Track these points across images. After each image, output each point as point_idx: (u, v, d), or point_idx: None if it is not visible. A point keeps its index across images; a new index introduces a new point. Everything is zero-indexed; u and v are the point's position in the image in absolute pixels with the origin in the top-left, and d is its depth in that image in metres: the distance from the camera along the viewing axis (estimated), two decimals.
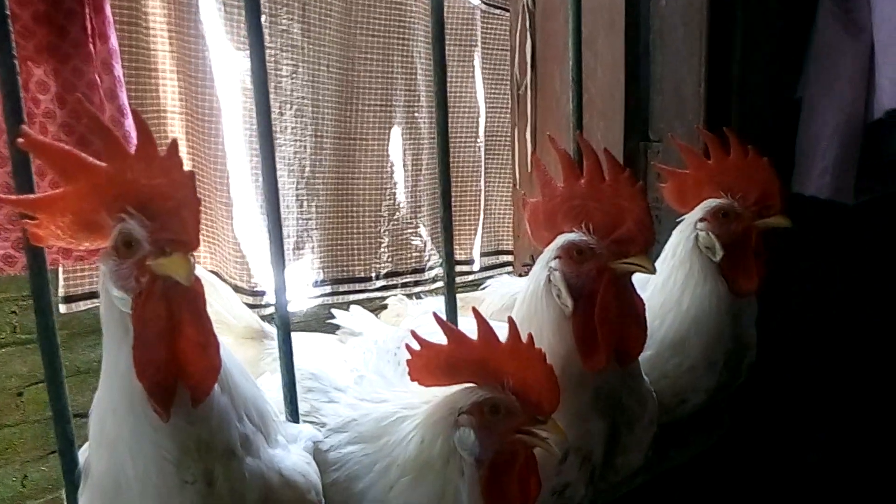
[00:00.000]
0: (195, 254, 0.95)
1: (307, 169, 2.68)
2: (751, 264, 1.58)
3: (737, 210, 1.56)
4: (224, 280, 2.44)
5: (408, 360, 1.21)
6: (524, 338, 1.15)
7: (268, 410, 1.13)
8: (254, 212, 2.48)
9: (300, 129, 2.63)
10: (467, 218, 3.21)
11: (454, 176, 3.09)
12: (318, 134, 2.69)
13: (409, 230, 3.00)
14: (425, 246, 3.07)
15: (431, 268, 3.11)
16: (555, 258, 1.33)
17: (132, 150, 0.93)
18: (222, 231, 2.45)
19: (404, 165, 2.96)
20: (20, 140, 0.93)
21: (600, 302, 1.28)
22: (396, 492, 1.19)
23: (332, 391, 1.41)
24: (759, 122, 1.92)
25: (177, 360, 0.96)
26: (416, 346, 1.21)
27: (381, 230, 2.91)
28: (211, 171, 2.40)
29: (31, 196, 1.00)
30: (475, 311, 1.18)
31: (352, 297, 2.81)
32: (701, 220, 1.60)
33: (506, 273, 2.85)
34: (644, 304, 1.35)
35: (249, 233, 2.47)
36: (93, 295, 2.30)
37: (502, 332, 1.57)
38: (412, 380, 1.23)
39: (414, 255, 3.02)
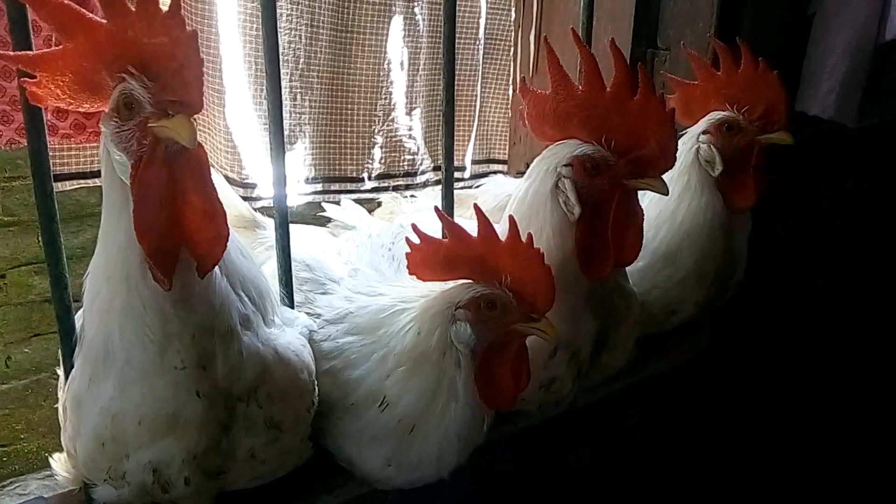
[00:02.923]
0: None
1: (301, 60, 2.59)
2: (749, 180, 1.59)
3: (741, 123, 1.55)
4: (214, 170, 2.39)
5: (407, 254, 1.23)
6: (524, 237, 1.16)
7: (268, 290, 1.14)
8: (247, 100, 2.41)
9: (295, 17, 2.52)
10: (461, 123, 3.13)
11: None
12: (314, 24, 2.58)
13: (404, 132, 2.95)
14: (418, 150, 3.02)
15: (423, 172, 3.06)
16: (566, 165, 1.32)
17: (133, 6, 0.89)
18: (213, 120, 2.39)
19: (401, 64, 2.87)
20: None
21: (613, 217, 1.29)
22: (393, 380, 1.23)
23: (327, 283, 1.41)
24: (769, 36, 1.88)
25: (182, 228, 0.95)
26: (416, 240, 1.21)
27: (375, 130, 2.84)
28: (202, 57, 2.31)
29: (31, 53, 0.96)
30: (476, 207, 1.19)
31: (342, 197, 2.78)
32: (704, 132, 1.59)
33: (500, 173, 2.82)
34: (644, 214, 1.36)
35: (242, 122, 2.41)
36: (80, 175, 2.26)
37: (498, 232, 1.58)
38: (410, 273, 1.25)
39: (407, 157, 2.97)
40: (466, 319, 1.17)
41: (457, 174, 3.20)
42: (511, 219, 1.15)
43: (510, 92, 2.93)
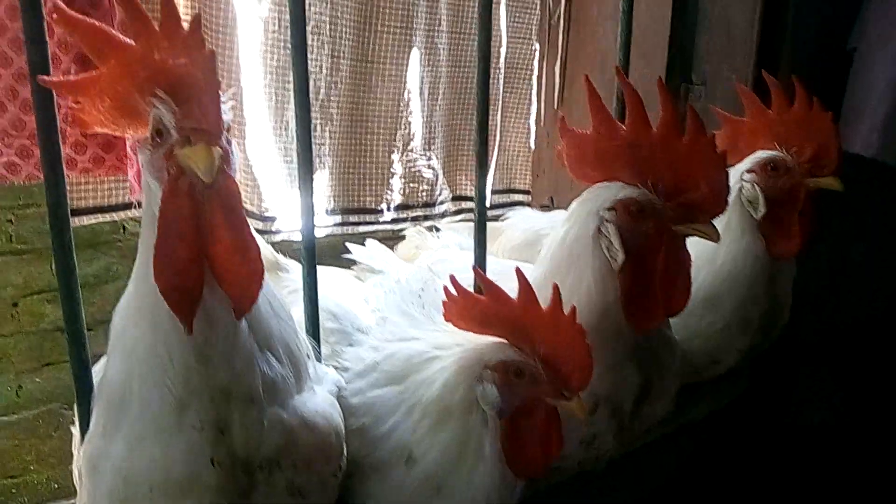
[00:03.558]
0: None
1: (322, 91, 2.55)
2: (793, 224, 1.52)
3: (788, 164, 1.49)
4: None
5: (444, 303, 1.18)
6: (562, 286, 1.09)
7: (300, 352, 1.07)
8: (267, 131, 2.37)
9: (317, 48, 2.49)
10: None
11: (469, 107, 2.96)
12: (335, 54, 2.55)
13: (423, 162, 2.90)
14: (437, 179, 2.97)
15: (442, 202, 3.01)
16: (609, 209, 1.25)
17: (158, 26, 0.86)
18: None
19: (421, 93, 2.83)
20: (55, 16, 0.86)
21: (660, 265, 1.23)
22: (419, 435, 1.17)
23: (354, 333, 1.36)
24: (809, 71, 1.81)
25: (212, 266, 0.89)
26: (453, 292, 1.17)
27: (395, 160, 2.80)
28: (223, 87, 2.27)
29: (71, 78, 0.93)
30: (518, 271, 1.12)
31: (361, 229, 2.73)
32: (748, 171, 1.53)
33: (526, 206, 2.76)
34: (691, 259, 1.29)
35: (262, 154, 2.37)
36: (97, 210, 2.22)
37: (525, 272, 1.51)
38: (445, 321, 1.21)
39: (425, 188, 2.93)
40: (494, 382, 1.12)
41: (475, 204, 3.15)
42: (555, 287, 1.08)
43: (531, 122, 2.88)
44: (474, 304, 1.16)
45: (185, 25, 0.85)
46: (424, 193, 2.94)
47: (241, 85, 2.27)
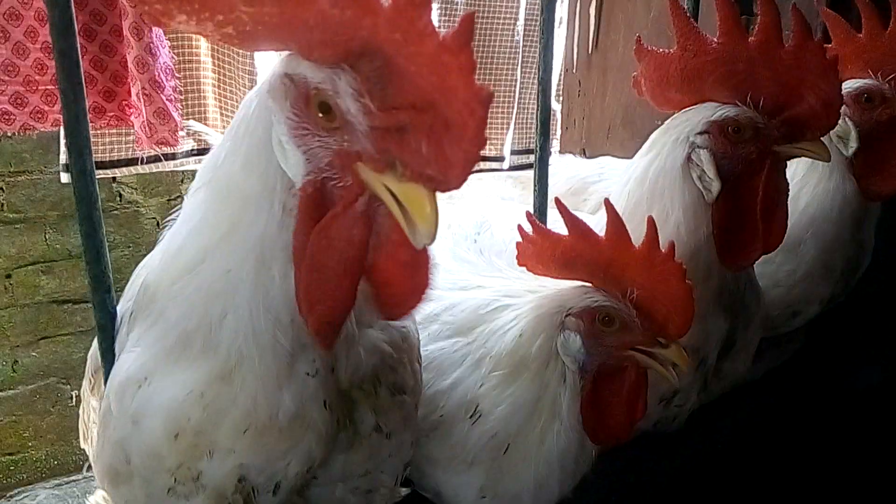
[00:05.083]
0: None
1: None
2: (891, 161, 1.38)
3: (885, 94, 1.35)
4: None
5: (518, 244, 1.07)
6: (660, 239, 0.98)
7: None
8: None
9: None
10: (499, 111, 2.94)
11: (487, 62, 2.82)
12: None
13: None
14: None
15: None
16: (700, 133, 1.12)
17: None
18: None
19: None
20: None
21: (763, 192, 1.11)
22: (487, 388, 1.06)
23: None
24: None
25: (374, 281, 0.80)
26: (529, 231, 1.05)
27: None
28: None
29: None
30: (608, 203, 1.01)
31: None
32: None
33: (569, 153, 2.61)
34: (789, 188, 1.16)
35: None
36: (100, 165, 2.06)
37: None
38: (519, 265, 1.09)
39: None
40: (578, 330, 1.02)
41: (494, 165, 3.02)
42: (650, 221, 0.97)
43: (556, 76, 2.73)
44: (555, 243, 1.04)
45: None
46: None
47: None
